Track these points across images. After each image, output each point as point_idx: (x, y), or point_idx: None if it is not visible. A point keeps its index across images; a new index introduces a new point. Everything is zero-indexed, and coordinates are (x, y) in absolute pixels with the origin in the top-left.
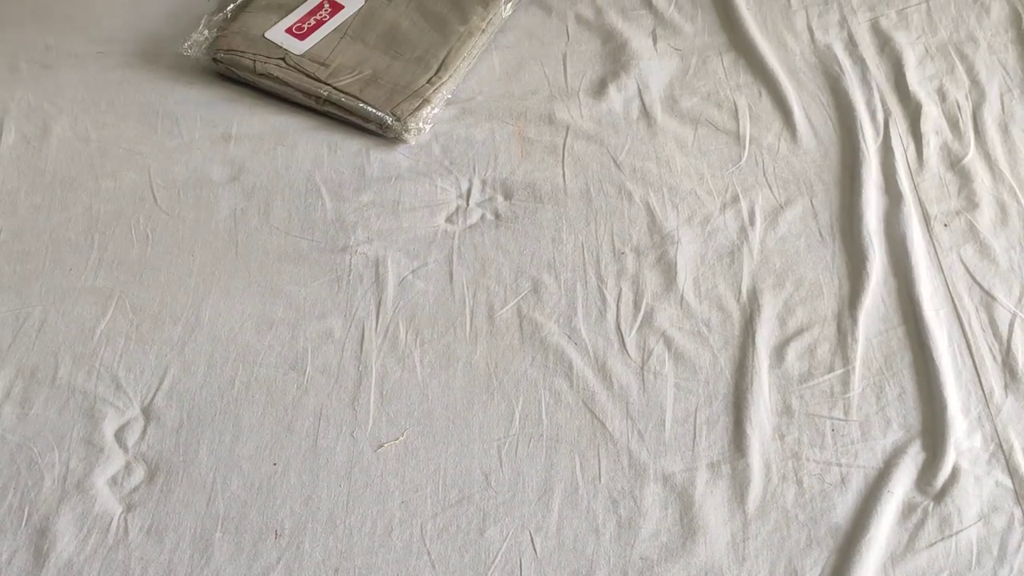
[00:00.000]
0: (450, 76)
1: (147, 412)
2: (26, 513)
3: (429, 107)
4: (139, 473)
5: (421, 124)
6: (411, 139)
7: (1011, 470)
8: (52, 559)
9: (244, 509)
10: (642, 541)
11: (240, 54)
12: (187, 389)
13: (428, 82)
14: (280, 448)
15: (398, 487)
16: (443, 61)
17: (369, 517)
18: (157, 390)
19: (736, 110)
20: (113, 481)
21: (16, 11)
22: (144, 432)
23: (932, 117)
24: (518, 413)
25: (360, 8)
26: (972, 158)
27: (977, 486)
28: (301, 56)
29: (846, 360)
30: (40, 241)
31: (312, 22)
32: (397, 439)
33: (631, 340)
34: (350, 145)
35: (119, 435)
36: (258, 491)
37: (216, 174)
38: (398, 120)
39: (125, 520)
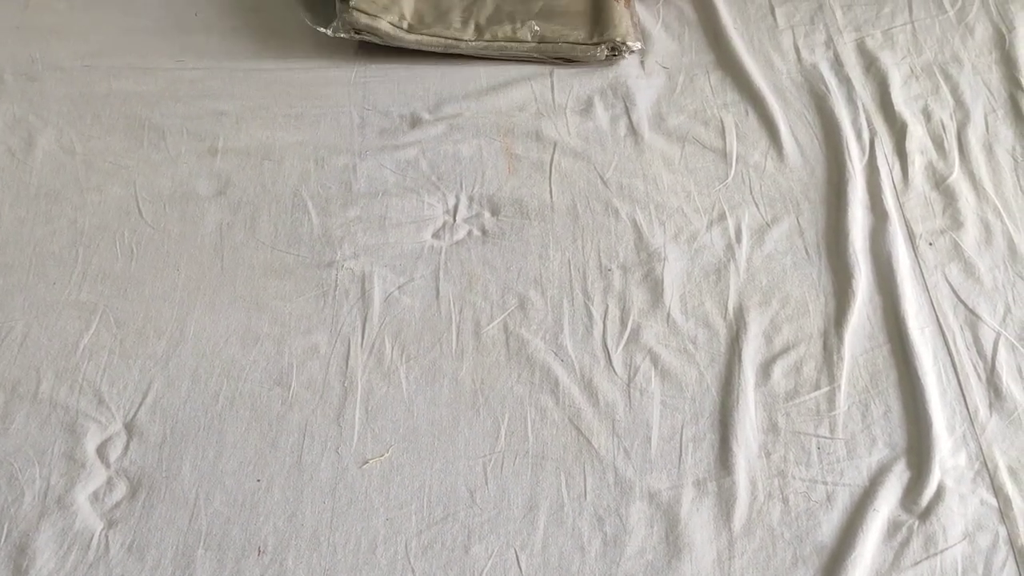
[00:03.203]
0: None
1: (130, 427)
2: (5, 529)
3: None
4: (121, 489)
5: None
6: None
7: (996, 488)
8: None
9: (227, 526)
10: (628, 559)
11: None
12: (171, 404)
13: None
14: (264, 464)
15: (383, 504)
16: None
17: (353, 534)
18: (140, 405)
19: (723, 128)
20: (94, 497)
21: (1, 23)
22: (127, 447)
23: (917, 136)
24: (504, 430)
25: None
26: (957, 177)
27: (962, 504)
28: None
29: (832, 378)
30: (24, 254)
31: None
32: (382, 456)
33: (617, 357)
34: (337, 160)
35: (101, 450)
36: (241, 507)
37: (202, 188)
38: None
39: (106, 536)
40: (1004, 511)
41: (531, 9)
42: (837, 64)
